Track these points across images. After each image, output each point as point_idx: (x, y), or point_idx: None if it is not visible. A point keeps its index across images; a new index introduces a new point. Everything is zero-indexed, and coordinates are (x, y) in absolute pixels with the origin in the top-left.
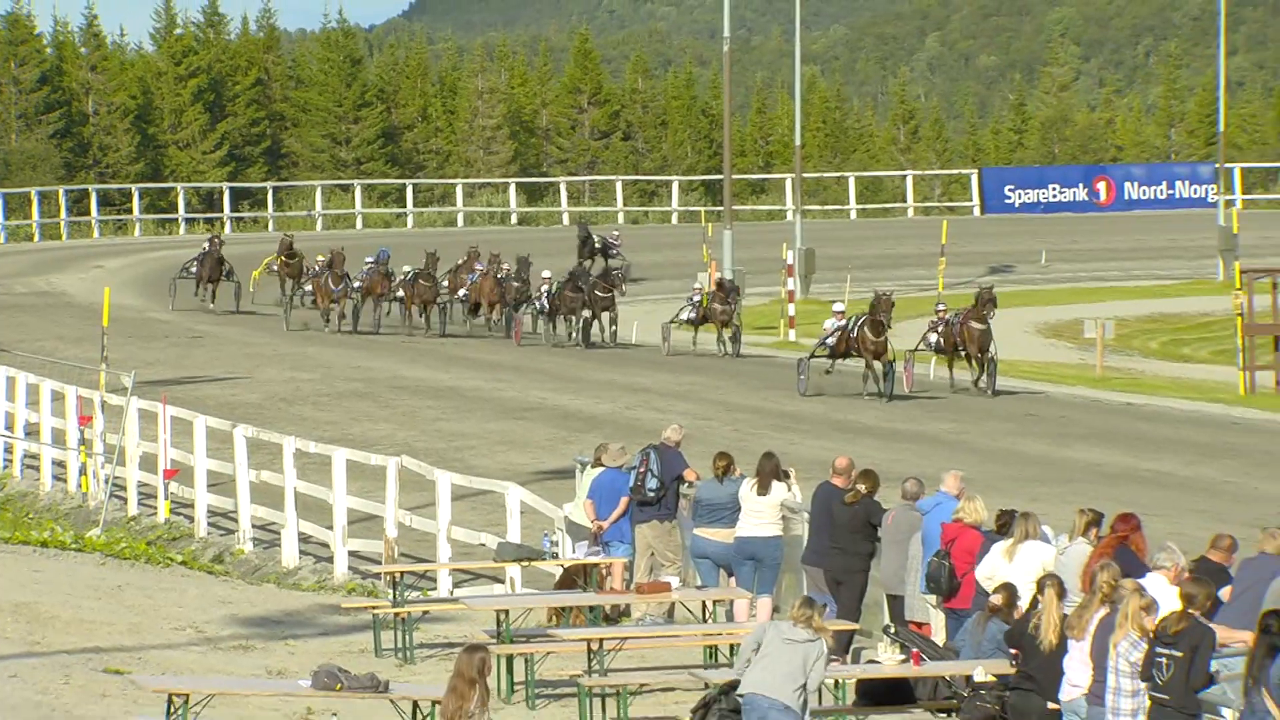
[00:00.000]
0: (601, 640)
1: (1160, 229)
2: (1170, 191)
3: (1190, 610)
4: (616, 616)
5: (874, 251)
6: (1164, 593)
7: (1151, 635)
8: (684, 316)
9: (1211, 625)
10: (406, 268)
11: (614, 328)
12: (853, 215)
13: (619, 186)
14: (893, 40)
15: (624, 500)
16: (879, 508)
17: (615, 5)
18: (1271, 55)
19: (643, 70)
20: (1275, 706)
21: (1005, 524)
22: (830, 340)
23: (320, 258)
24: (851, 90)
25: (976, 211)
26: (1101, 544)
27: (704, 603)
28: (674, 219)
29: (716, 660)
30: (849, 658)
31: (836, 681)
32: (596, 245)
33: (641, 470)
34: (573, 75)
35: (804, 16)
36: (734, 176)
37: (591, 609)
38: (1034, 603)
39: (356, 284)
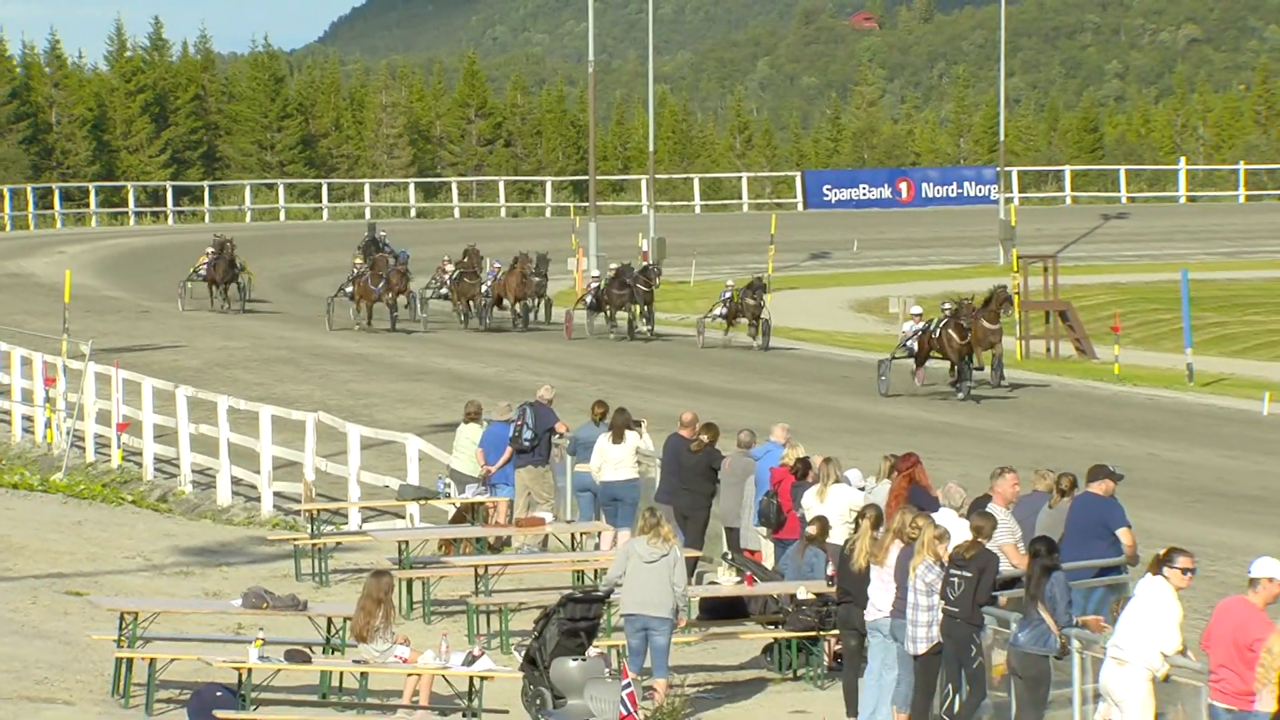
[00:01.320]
0: (487, 566)
1: (951, 222)
2: (960, 191)
3: (978, 539)
4: (499, 546)
5: (715, 240)
6: (954, 525)
7: (945, 560)
8: (716, 313)
9: (994, 550)
10: (449, 266)
11: (653, 320)
12: (697, 210)
13: (501, 186)
14: (730, 63)
15: (509, 449)
16: (719, 454)
17: (498, 33)
18: (1042, 77)
19: (521, 88)
20: (1049, 615)
21: (802, 469)
22: (911, 343)
23: (358, 260)
24: (696, 105)
25: (800, 207)
26: (895, 484)
27: (573, 535)
28: (548, 213)
29: (583, 582)
30: (694, 580)
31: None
32: (376, 242)
33: (518, 423)
34: (462, 92)
35: (656, 43)
36: (597, 177)
37: (478, 540)
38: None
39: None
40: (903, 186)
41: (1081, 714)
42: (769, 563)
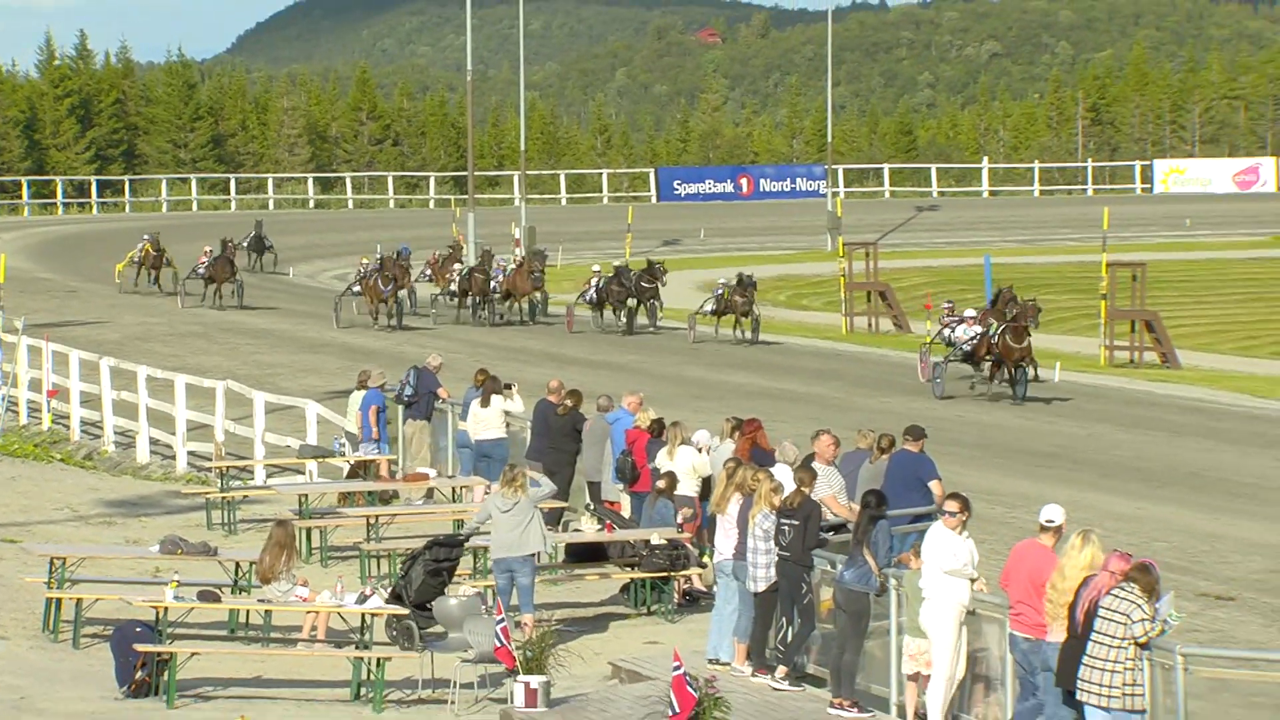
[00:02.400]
0: (377, 516)
1: (785, 213)
2: (793, 186)
3: (803, 490)
4: (389, 498)
5: (579, 229)
6: (788, 479)
7: (778, 510)
8: (707, 309)
9: (818, 500)
10: (458, 265)
11: (660, 314)
12: (563, 202)
13: (390, 181)
14: (591, 73)
15: (373, 409)
16: (582, 417)
17: (386, 46)
18: (864, 86)
19: (407, 94)
20: (872, 558)
21: (657, 429)
22: (967, 347)
23: (365, 260)
24: (562, 110)
25: (654, 200)
26: (739, 444)
27: (454, 488)
28: (431, 205)
29: (462, 529)
30: (560, 528)
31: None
32: (261, 239)
33: (403, 382)
34: (355, 97)
35: (526, 55)
36: (475, 173)
37: (370, 493)
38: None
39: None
40: (743, 182)
41: (897, 643)
42: (626, 513)
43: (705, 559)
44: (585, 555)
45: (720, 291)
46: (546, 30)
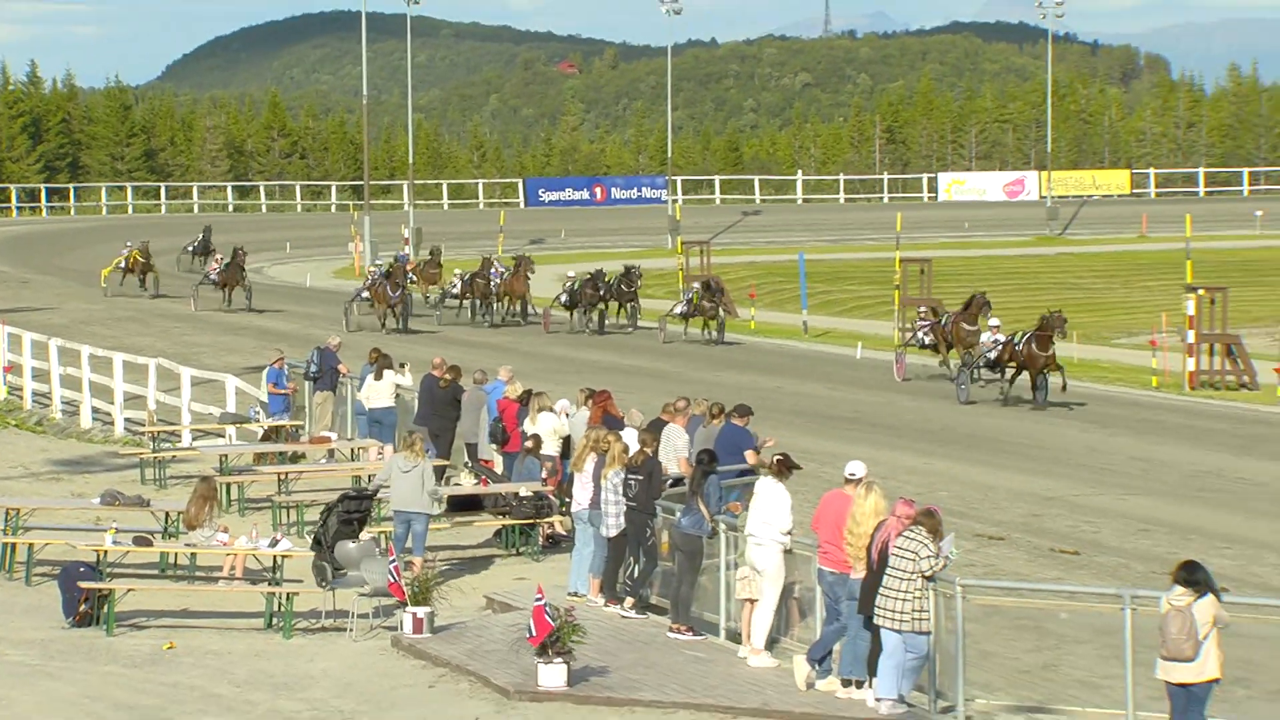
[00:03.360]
0: (287, 473)
1: (633, 217)
2: (639, 194)
3: (646, 450)
4: (297, 458)
5: (459, 230)
6: (633, 440)
7: (626, 467)
8: (677, 311)
9: (658, 459)
10: (458, 270)
11: (637, 316)
12: (445, 207)
13: (298, 189)
14: (469, 98)
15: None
16: (461, 389)
17: (294, 74)
18: (699, 110)
19: (312, 115)
20: (704, 507)
21: (525, 398)
22: (991, 354)
23: (372, 268)
24: (444, 129)
25: (522, 205)
26: (593, 411)
27: (352, 449)
28: (333, 209)
29: (360, 484)
30: (443, 482)
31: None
32: (208, 242)
33: (309, 360)
34: (267, 117)
35: (414, 83)
36: (370, 182)
37: (281, 453)
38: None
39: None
40: (597, 190)
41: (726, 578)
42: (499, 469)
43: (564, 508)
44: (464, 505)
45: (690, 296)
46: (431, 62)
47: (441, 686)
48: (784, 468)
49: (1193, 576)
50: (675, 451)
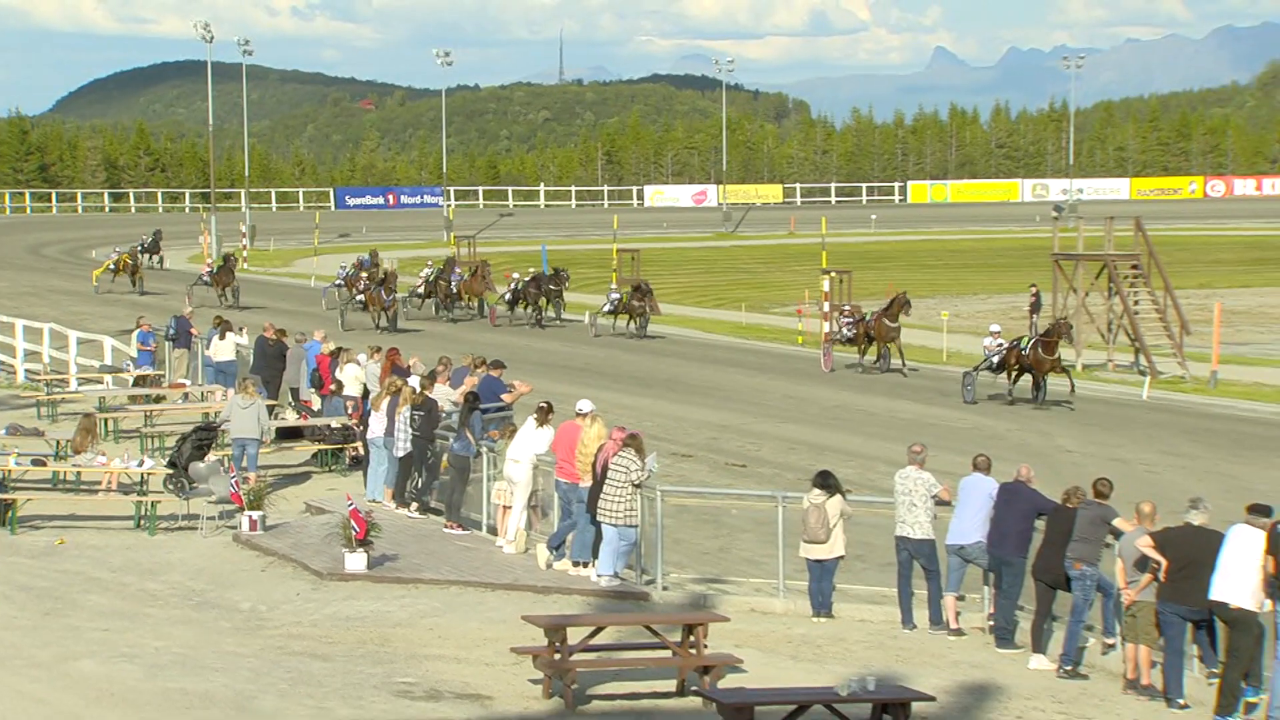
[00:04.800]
0: (151, 411)
1: (417, 218)
2: (422, 200)
3: (425, 392)
4: (159, 399)
5: (284, 227)
6: (416, 384)
7: (412, 404)
8: (606, 309)
9: (435, 399)
10: (425, 271)
11: (562, 311)
12: (274, 210)
13: (160, 194)
14: (291, 127)
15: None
16: (286, 346)
17: (156, 107)
18: (467, 137)
19: (170, 139)
20: (471, 435)
21: (335, 353)
22: (995, 358)
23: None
24: (273, 150)
25: (333, 208)
26: (384, 363)
27: (202, 392)
28: (186, 210)
29: (215, 418)
30: (273, 416)
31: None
32: (156, 243)
33: (169, 325)
34: (135, 140)
35: (249, 115)
36: (215, 190)
37: (147, 396)
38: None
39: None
40: (390, 197)
41: (486, 489)
42: (316, 407)
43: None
44: (289, 435)
45: (618, 295)
46: (262, 99)
47: (271, 571)
48: (545, 413)
49: (825, 481)
50: (450, 395)
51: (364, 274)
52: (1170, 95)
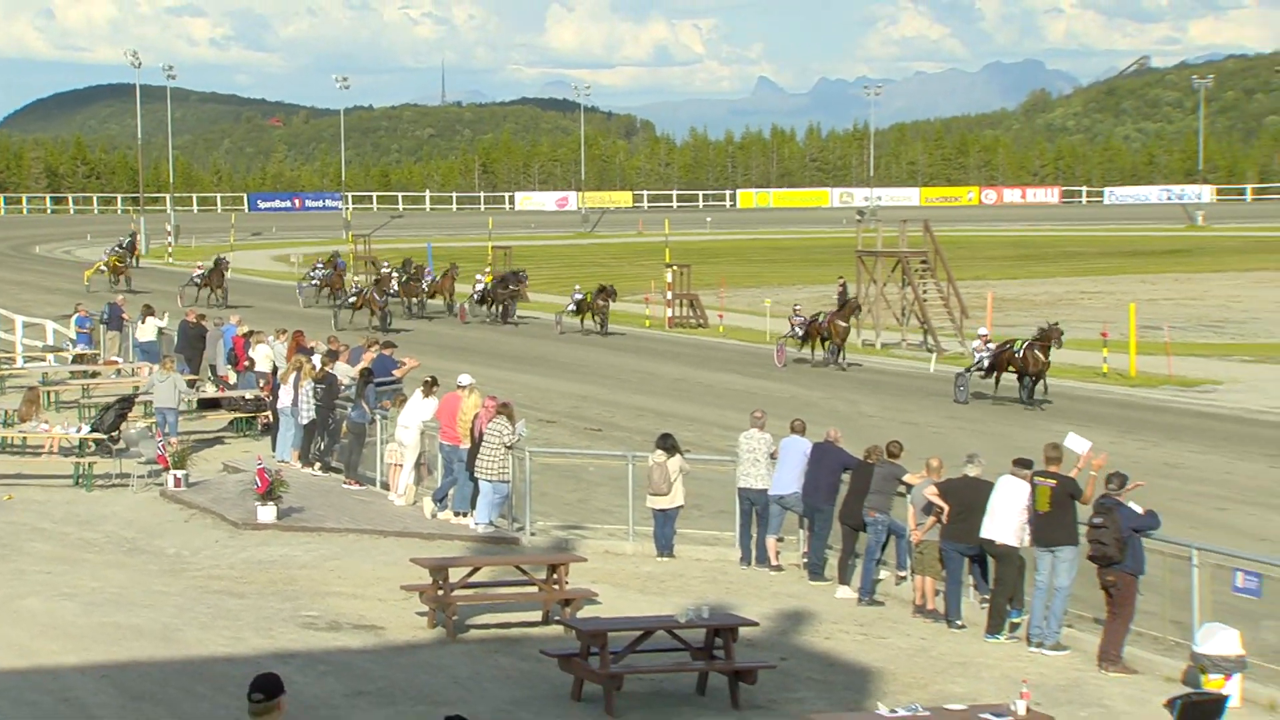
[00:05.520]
0: (88, 385)
1: (320, 219)
2: (324, 204)
3: (327, 368)
4: (94, 375)
5: (203, 227)
6: (318, 361)
7: (314, 379)
8: (570, 308)
9: (335, 374)
10: (386, 269)
11: (515, 309)
12: (195, 212)
13: (95, 199)
14: (210, 141)
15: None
16: (205, 328)
17: (92, 124)
18: (361, 151)
19: (104, 150)
20: (366, 405)
21: (249, 334)
22: (985, 362)
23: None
24: (194, 161)
25: (246, 210)
26: (290, 344)
27: (133, 368)
28: (119, 212)
29: (135, 393)
30: (195, 389)
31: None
32: (134, 242)
33: (103, 311)
34: (74, 152)
35: (174, 130)
36: (144, 195)
37: (84, 371)
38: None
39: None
40: (296, 201)
41: (380, 450)
42: (232, 381)
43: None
44: (209, 405)
45: (581, 296)
46: (184, 117)
47: (194, 522)
48: (430, 386)
49: (666, 443)
50: (348, 371)
51: (356, 277)
52: (951, 119)
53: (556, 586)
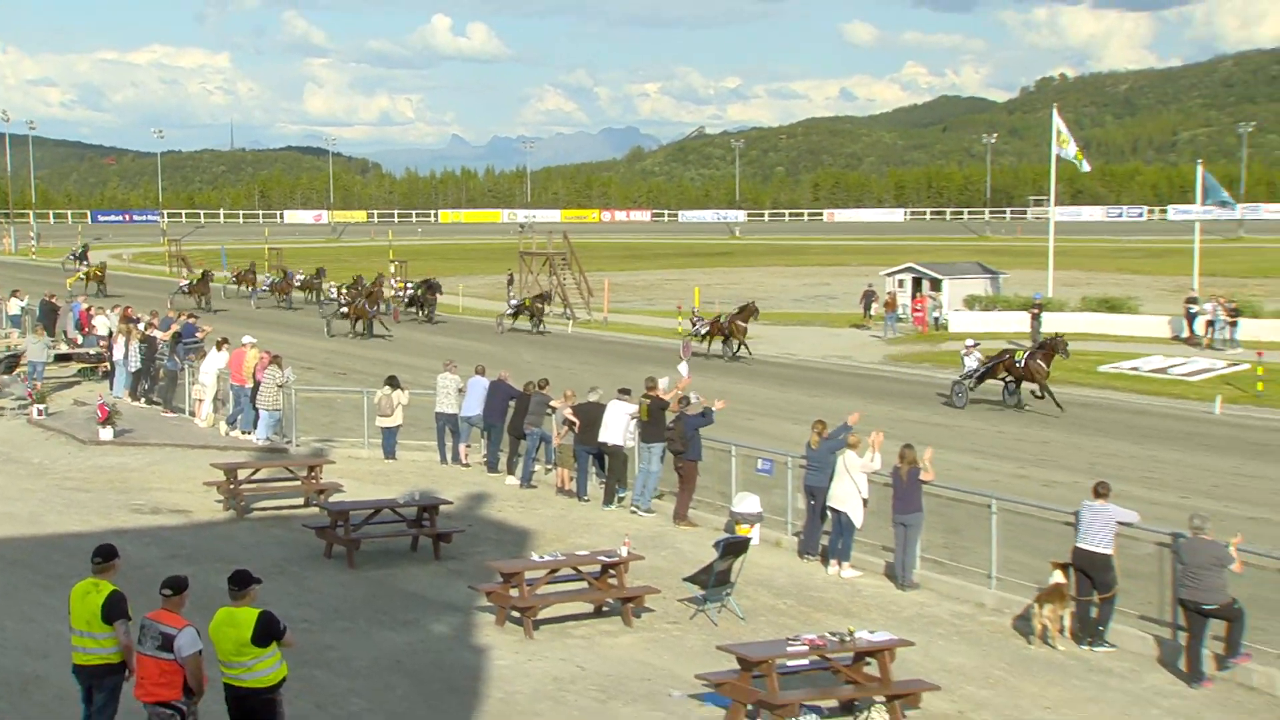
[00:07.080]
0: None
1: (141, 230)
2: (147, 219)
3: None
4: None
5: (57, 235)
6: (141, 325)
7: (139, 339)
8: (508, 310)
9: (155, 338)
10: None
11: (434, 312)
12: (52, 223)
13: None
14: (61, 174)
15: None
16: (57, 306)
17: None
18: (277, 171)
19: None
20: (180, 360)
21: (90, 309)
22: (980, 369)
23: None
24: (50, 188)
25: (89, 222)
26: (120, 317)
27: (5, 334)
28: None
29: (11, 351)
30: (53, 347)
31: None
32: (86, 252)
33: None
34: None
35: (35, 166)
36: (14, 211)
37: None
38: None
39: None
40: (126, 216)
41: (188, 389)
42: (80, 342)
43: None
44: (63, 358)
45: (519, 300)
46: (43, 157)
47: (52, 440)
48: (221, 343)
49: (392, 382)
50: (162, 334)
51: (343, 289)
52: (580, 164)
53: (314, 480)
